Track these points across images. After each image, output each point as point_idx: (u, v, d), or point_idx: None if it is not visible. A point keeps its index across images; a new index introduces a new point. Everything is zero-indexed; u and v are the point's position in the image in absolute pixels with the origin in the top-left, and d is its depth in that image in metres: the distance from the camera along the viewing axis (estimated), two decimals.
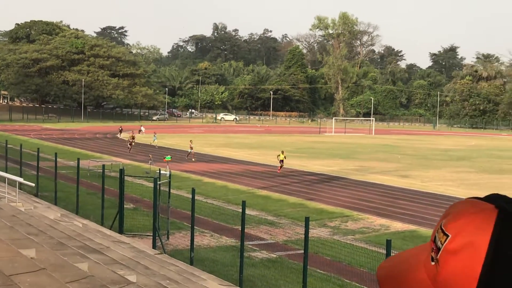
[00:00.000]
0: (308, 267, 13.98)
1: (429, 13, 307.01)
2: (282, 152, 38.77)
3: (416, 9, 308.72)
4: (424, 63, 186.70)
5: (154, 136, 55.73)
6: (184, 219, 21.27)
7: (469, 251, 1.12)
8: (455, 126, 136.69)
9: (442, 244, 1.17)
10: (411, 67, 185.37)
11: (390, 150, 61.99)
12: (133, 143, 49.97)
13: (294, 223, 22.94)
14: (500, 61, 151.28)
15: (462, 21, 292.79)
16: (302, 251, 14.53)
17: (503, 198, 1.23)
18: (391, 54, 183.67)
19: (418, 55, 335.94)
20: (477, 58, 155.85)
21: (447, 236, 1.17)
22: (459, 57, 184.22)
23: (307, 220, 14.15)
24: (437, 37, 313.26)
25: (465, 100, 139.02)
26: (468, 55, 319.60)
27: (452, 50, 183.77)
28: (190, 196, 17.48)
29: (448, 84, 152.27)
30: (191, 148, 45.10)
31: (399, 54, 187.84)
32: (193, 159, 44.59)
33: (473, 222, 1.16)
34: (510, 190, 35.04)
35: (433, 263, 1.18)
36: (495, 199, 1.22)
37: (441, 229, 1.20)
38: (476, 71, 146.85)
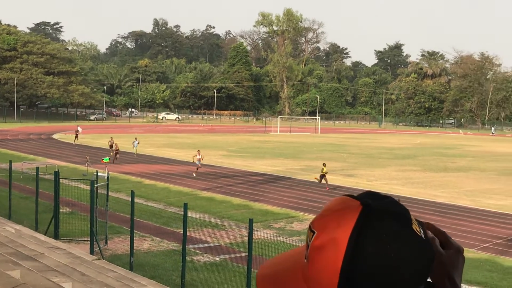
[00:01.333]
0: (252, 270, 14.02)
1: (374, 10, 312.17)
2: (324, 165, 34.37)
3: (361, 6, 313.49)
4: (370, 60, 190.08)
5: (135, 141, 49.45)
6: (123, 223, 21.04)
7: (332, 247, 1.18)
8: (401, 124, 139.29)
9: (310, 241, 1.23)
10: (356, 64, 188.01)
11: (336, 149, 62.71)
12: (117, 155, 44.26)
13: (238, 225, 23.00)
14: (445, 58, 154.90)
15: (407, 18, 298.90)
16: (246, 254, 14.57)
17: (374, 195, 1.29)
18: (337, 52, 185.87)
19: (363, 52, 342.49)
20: (422, 55, 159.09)
21: (314, 233, 1.22)
22: (404, 54, 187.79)
23: (251, 221, 14.20)
24: (382, 34, 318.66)
25: (411, 98, 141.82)
26: (413, 52, 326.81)
27: (397, 47, 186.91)
28: (130, 198, 17.30)
29: (393, 82, 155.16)
30: (199, 159, 38.33)
31: (345, 52, 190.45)
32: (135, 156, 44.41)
33: (337, 218, 1.21)
34: (454, 188, 36.00)
35: (305, 261, 1.23)
36: (363, 196, 1.27)
37: (309, 226, 1.25)
38: (421, 69, 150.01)
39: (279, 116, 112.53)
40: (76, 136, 58.05)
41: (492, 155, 61.53)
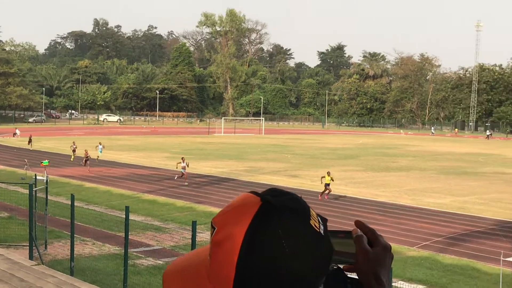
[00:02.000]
0: None
1: (317, 11, 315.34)
2: (328, 174, 31.82)
3: (303, 7, 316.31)
4: (313, 61, 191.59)
5: (99, 146, 46.83)
6: (64, 227, 20.71)
7: (229, 242, 1.22)
8: (344, 124, 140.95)
9: (211, 237, 1.27)
10: (300, 65, 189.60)
11: (280, 150, 63.09)
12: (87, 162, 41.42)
13: (182, 227, 22.91)
14: (386, 60, 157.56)
15: (349, 19, 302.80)
16: None
17: (276, 191, 1.32)
18: (280, 53, 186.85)
19: (306, 53, 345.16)
20: (364, 56, 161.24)
21: (214, 228, 1.27)
22: (347, 55, 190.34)
23: (194, 224, 14.16)
24: (325, 36, 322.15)
25: (353, 98, 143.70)
26: (355, 53, 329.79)
27: (340, 48, 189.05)
28: (70, 202, 17.05)
29: (336, 83, 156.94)
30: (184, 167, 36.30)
31: (288, 53, 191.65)
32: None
33: (236, 214, 1.25)
34: (395, 187, 36.66)
35: (209, 258, 1.27)
36: (265, 193, 1.31)
37: (211, 222, 1.29)
38: (363, 70, 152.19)
39: (223, 117, 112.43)
40: (30, 141, 55.52)
41: (432, 155, 62.89)
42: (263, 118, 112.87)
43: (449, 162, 54.32)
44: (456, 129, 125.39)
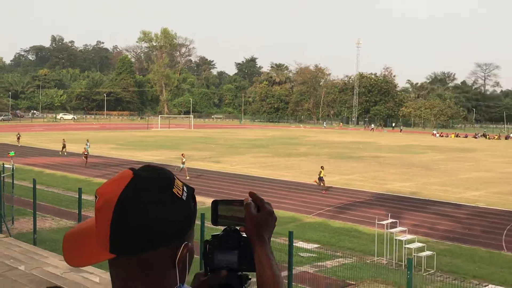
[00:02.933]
0: None
1: (233, 28, 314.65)
2: (322, 168, 28.50)
3: (224, 25, 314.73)
4: (231, 70, 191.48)
5: (87, 143, 40.33)
6: (28, 206, 19.93)
7: (105, 209, 1.23)
8: (257, 120, 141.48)
9: (95, 205, 1.27)
10: (221, 74, 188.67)
11: (206, 141, 62.81)
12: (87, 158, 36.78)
13: None
14: (289, 69, 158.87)
15: (260, 36, 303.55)
16: None
17: (148, 167, 1.34)
18: (205, 63, 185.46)
19: (226, 64, 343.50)
20: (272, 67, 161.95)
21: (96, 197, 1.27)
22: (258, 66, 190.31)
23: None
24: (241, 49, 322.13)
25: (263, 100, 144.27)
26: (265, 64, 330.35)
27: (252, 60, 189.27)
28: (32, 185, 16.47)
29: (250, 88, 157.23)
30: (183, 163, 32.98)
31: (211, 63, 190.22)
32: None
33: (113, 185, 1.26)
34: (297, 169, 37.06)
35: (95, 222, 1.27)
36: (139, 168, 1.33)
37: (95, 193, 1.29)
38: (271, 77, 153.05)
39: (159, 115, 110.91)
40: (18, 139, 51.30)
41: (324, 143, 64.05)
42: (192, 116, 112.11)
43: (337, 149, 55.42)
44: (341, 123, 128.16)
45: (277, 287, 1.46)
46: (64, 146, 44.08)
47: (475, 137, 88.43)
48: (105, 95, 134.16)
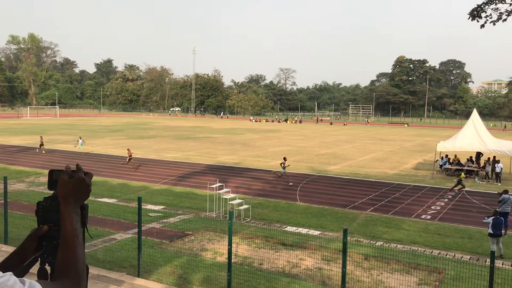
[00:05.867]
0: (9, 210, 12.37)
1: (94, 34, 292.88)
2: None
3: (85, 31, 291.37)
4: (91, 69, 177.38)
5: (80, 140, 34.99)
6: None
7: None
8: (114, 110, 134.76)
9: None
10: (83, 72, 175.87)
11: (70, 127, 58.26)
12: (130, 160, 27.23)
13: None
14: (140, 69, 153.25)
15: (117, 41, 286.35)
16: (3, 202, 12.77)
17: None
18: (68, 63, 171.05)
19: (87, 64, 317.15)
20: (125, 67, 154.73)
21: None
22: (114, 66, 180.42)
23: (5, 178, 12.43)
24: (98, 53, 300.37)
25: (119, 93, 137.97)
26: (120, 64, 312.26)
27: (109, 61, 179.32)
28: None
29: (107, 83, 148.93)
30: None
31: (74, 63, 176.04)
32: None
33: None
34: (147, 148, 36.09)
35: None
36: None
37: None
38: (125, 75, 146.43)
39: (28, 107, 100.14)
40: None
41: (169, 128, 63.31)
42: (58, 107, 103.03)
43: (179, 132, 55.18)
44: (177, 112, 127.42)
45: (74, 238, 1.42)
46: (42, 144, 35.83)
47: (279, 122, 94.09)
48: None
